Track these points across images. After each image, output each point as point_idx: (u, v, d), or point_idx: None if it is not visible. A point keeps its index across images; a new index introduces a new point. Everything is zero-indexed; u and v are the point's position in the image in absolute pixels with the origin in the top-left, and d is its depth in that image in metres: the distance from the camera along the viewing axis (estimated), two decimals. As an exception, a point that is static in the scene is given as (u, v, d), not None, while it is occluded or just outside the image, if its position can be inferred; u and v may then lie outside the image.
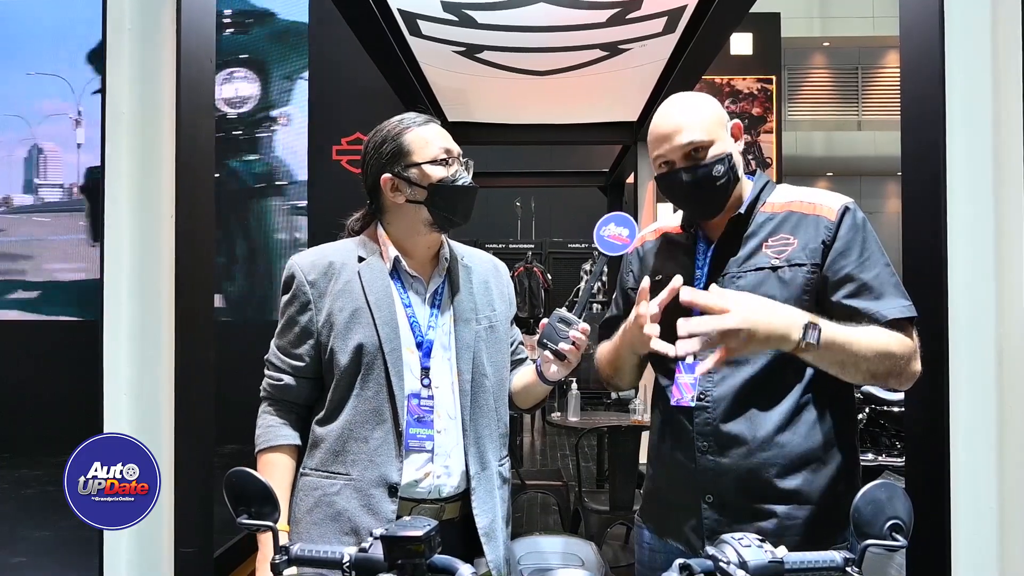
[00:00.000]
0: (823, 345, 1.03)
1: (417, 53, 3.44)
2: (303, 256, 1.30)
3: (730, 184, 1.19)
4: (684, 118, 1.19)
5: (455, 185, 1.26)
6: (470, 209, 1.29)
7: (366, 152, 1.31)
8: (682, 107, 1.21)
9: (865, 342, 1.07)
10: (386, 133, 1.29)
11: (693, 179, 1.17)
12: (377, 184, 1.28)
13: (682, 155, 1.18)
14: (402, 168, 1.26)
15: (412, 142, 1.26)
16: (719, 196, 1.19)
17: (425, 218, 1.26)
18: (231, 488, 0.85)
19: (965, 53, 1.23)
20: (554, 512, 3.79)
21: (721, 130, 1.19)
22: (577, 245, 8.89)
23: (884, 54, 12.14)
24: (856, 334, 1.07)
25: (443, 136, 1.29)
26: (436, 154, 1.26)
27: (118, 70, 1.33)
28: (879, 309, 1.10)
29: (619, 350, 1.27)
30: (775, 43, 9.38)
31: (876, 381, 1.10)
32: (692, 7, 2.88)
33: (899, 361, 1.08)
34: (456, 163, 1.28)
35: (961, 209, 1.24)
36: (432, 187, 1.25)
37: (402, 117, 1.30)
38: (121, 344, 1.32)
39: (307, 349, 1.26)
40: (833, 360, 1.06)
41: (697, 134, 1.17)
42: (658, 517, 1.28)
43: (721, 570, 0.73)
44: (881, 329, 1.09)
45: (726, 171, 1.18)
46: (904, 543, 0.80)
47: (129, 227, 1.33)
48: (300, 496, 1.25)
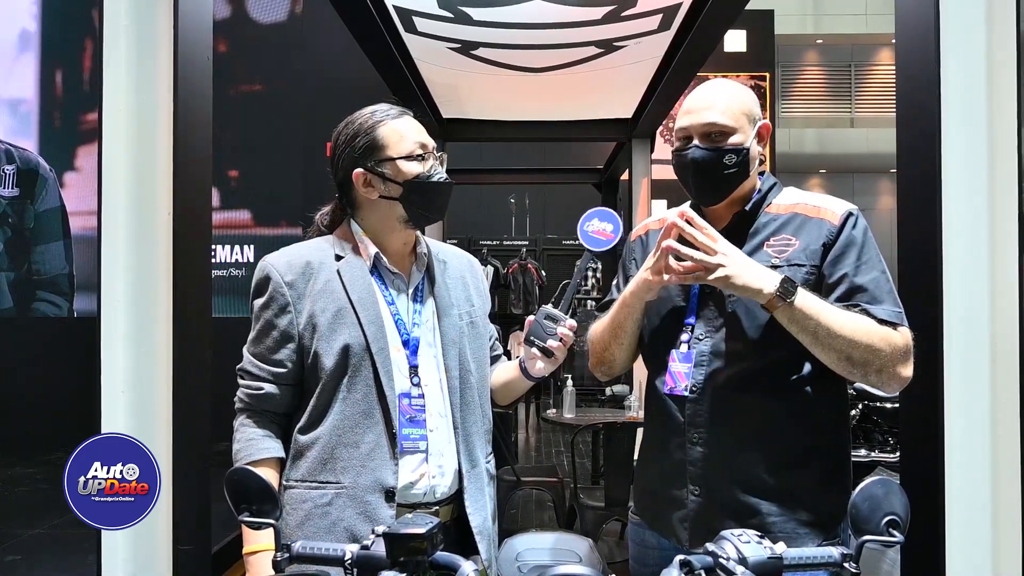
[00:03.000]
0: (797, 305, 1.07)
1: (412, 49, 3.43)
2: (277, 257, 1.23)
3: (738, 177, 1.20)
4: (714, 99, 1.20)
5: (431, 182, 1.22)
6: (446, 206, 1.26)
7: (336, 144, 1.26)
8: (717, 89, 1.22)
9: (842, 319, 1.08)
10: (359, 126, 1.23)
11: (703, 158, 1.18)
12: (349, 178, 1.23)
13: (701, 133, 1.19)
14: (375, 163, 1.21)
15: (387, 136, 1.22)
16: (724, 184, 1.20)
17: (400, 214, 1.23)
18: (232, 487, 0.85)
19: (960, 50, 1.24)
20: (549, 508, 3.80)
21: (747, 123, 1.20)
22: (571, 242, 8.89)
23: (877, 51, 12.19)
24: (834, 309, 1.09)
25: (418, 130, 1.24)
26: (411, 149, 1.21)
27: (115, 69, 1.32)
28: (871, 311, 1.11)
29: (622, 312, 1.25)
30: (768, 40, 9.40)
31: (855, 369, 1.09)
32: (687, 5, 2.88)
33: (879, 354, 1.09)
34: (431, 158, 1.24)
35: (956, 207, 1.24)
36: (408, 183, 1.21)
37: (374, 109, 1.25)
38: (118, 343, 1.31)
39: (288, 354, 1.20)
40: (806, 327, 1.08)
41: (721, 117, 1.18)
42: (649, 509, 1.29)
43: (721, 566, 0.74)
44: (868, 319, 1.10)
45: (737, 163, 1.18)
46: (901, 539, 0.81)
47: (126, 226, 1.32)
48: (287, 511, 1.18)
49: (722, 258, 1.08)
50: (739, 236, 1.22)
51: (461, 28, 3.14)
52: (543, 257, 8.87)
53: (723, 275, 1.08)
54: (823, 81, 12.37)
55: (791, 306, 1.07)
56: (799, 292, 1.08)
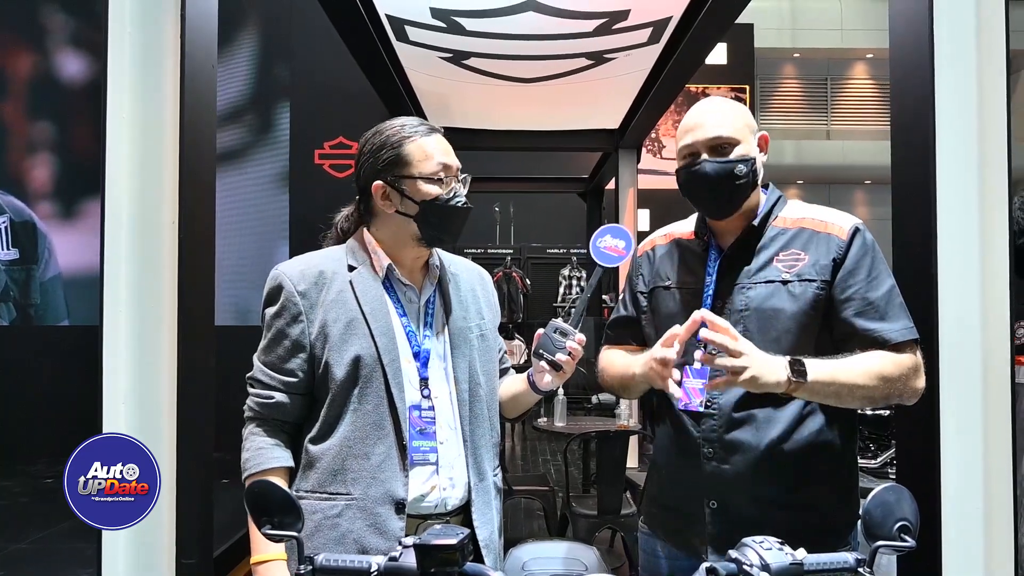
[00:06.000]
0: (811, 379, 1.08)
1: (403, 58, 3.43)
2: (290, 265, 1.22)
3: (748, 187, 1.21)
4: (714, 115, 1.22)
5: (448, 206, 1.21)
6: (460, 229, 1.25)
7: (362, 151, 1.26)
8: (714, 106, 1.24)
9: (854, 370, 1.10)
10: (386, 138, 1.23)
11: (715, 171, 1.19)
12: (369, 188, 1.23)
13: (708, 147, 1.20)
14: (396, 178, 1.21)
15: (412, 153, 1.21)
16: (736, 195, 1.21)
17: (413, 232, 1.22)
18: (253, 499, 0.84)
19: (953, 63, 1.28)
20: (539, 517, 3.80)
21: (749, 134, 1.22)
22: (555, 250, 8.93)
23: (852, 65, 12.46)
24: (843, 364, 1.11)
25: (444, 151, 1.24)
26: (434, 170, 1.21)
27: (119, 72, 1.31)
28: (882, 331, 1.14)
29: (634, 377, 1.25)
30: (748, 53, 9.57)
31: (878, 404, 1.13)
32: (677, 19, 2.93)
33: (896, 383, 1.12)
34: (453, 180, 1.23)
35: (948, 219, 1.28)
36: (424, 204, 1.20)
37: (405, 122, 1.25)
38: (120, 351, 1.29)
39: (299, 363, 1.19)
40: (827, 392, 1.10)
41: (725, 130, 1.20)
42: (662, 522, 1.30)
43: (744, 572, 0.75)
44: (873, 353, 1.13)
45: (747, 172, 1.20)
46: (912, 544, 0.83)
47: (129, 232, 1.31)
48: None
49: (746, 360, 1.07)
50: (748, 250, 1.23)
51: (453, 38, 3.15)
52: (527, 266, 8.88)
53: (750, 376, 1.06)
54: (800, 94, 12.60)
55: (805, 383, 1.08)
56: (808, 366, 1.09)
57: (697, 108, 1.25)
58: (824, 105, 12.60)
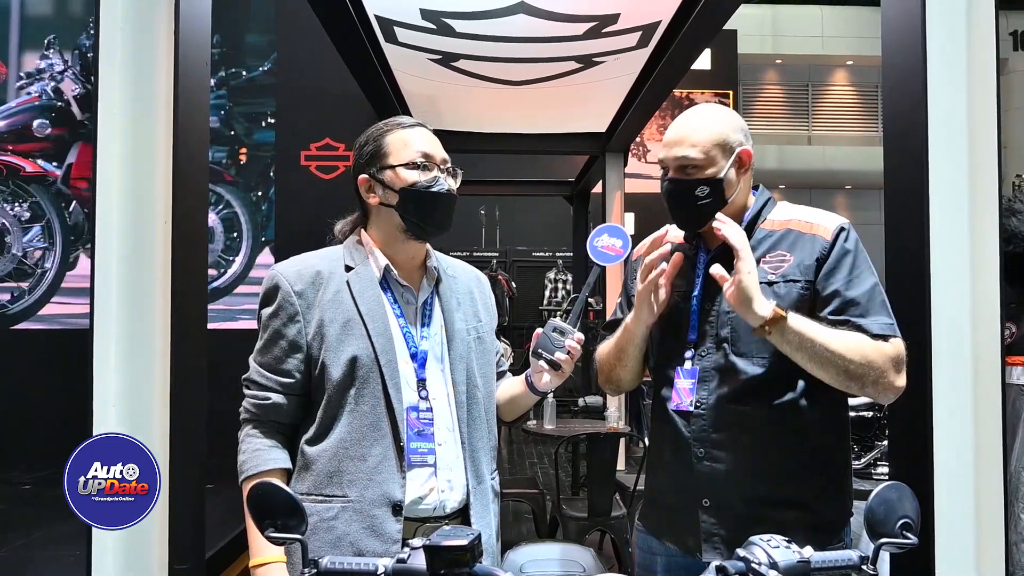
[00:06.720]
0: (791, 322, 1.10)
1: (391, 60, 3.43)
2: (287, 265, 1.21)
3: (711, 207, 1.22)
4: (688, 132, 1.22)
5: (427, 191, 1.20)
6: (446, 218, 1.23)
7: (353, 152, 1.27)
8: (692, 123, 1.24)
9: (834, 336, 1.11)
10: (370, 133, 1.25)
11: (675, 191, 1.22)
12: (358, 187, 1.24)
13: (675, 166, 1.22)
14: (377, 169, 1.22)
15: (391, 143, 1.22)
16: (699, 215, 1.22)
17: (398, 223, 1.21)
18: (256, 501, 0.82)
19: (944, 76, 1.30)
20: (527, 520, 3.79)
21: (720, 154, 1.21)
22: (541, 253, 8.95)
23: (832, 72, 12.65)
24: (825, 328, 1.12)
25: (427, 140, 1.23)
26: (413, 157, 1.20)
27: (110, 74, 1.29)
28: (862, 324, 1.15)
29: (624, 337, 1.28)
30: (732, 59, 9.68)
31: (851, 383, 1.13)
32: (666, 23, 2.95)
33: (872, 367, 1.12)
34: (436, 169, 1.22)
35: (941, 222, 1.30)
36: (403, 191, 1.19)
37: (392, 119, 1.26)
38: (111, 353, 1.27)
39: (296, 364, 1.18)
40: (802, 344, 1.11)
41: (691, 152, 1.20)
42: (658, 521, 1.31)
43: (753, 571, 0.75)
44: (861, 335, 1.14)
45: (708, 195, 1.21)
46: (915, 541, 0.84)
47: (120, 233, 1.29)
48: None
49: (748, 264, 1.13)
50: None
51: (443, 40, 3.15)
52: (513, 269, 8.89)
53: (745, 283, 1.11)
54: (782, 100, 12.77)
55: (786, 322, 1.10)
56: (790, 313, 1.11)
57: (678, 122, 1.26)
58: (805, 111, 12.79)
